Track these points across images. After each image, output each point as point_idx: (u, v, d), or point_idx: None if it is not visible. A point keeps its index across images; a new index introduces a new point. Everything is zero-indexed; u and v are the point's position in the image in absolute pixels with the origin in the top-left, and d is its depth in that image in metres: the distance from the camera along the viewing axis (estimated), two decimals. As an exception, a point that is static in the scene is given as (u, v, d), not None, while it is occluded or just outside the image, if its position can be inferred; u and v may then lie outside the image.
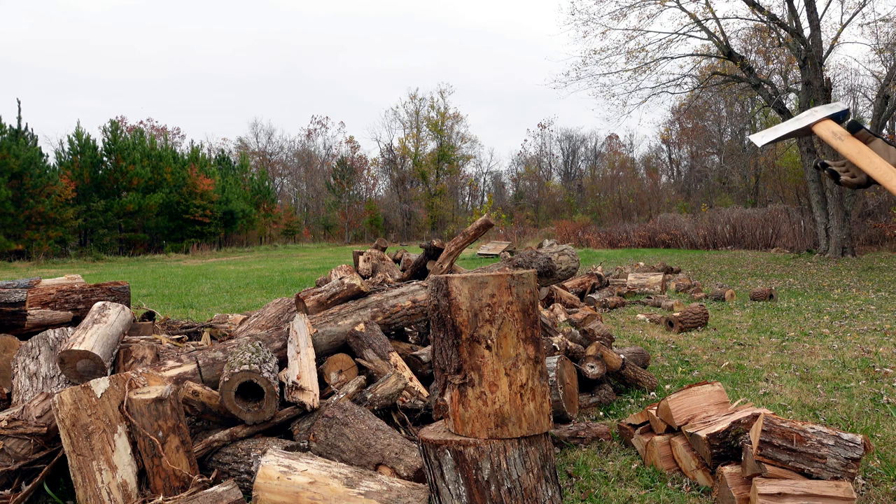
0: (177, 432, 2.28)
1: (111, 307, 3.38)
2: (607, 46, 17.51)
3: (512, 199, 52.76)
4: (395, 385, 2.89)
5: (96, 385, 2.29)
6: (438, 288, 1.88)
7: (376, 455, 2.37)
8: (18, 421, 2.37)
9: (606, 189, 47.67)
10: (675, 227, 26.55)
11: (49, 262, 24.36)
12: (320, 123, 69.19)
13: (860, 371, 4.31)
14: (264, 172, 46.41)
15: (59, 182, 27.14)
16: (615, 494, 2.46)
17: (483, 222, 4.86)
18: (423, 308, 3.82)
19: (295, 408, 2.73)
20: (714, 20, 16.02)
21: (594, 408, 3.58)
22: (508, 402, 1.83)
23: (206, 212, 33.80)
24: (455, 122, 52.38)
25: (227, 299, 9.60)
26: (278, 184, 54.23)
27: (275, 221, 41.93)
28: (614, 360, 3.79)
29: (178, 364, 2.99)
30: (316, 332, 3.42)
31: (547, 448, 1.96)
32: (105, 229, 30.20)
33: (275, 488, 2.10)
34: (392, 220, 50.01)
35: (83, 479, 2.18)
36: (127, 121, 47.43)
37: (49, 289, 3.65)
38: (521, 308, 1.83)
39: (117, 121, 33.57)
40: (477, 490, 1.85)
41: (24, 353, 2.95)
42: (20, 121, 27.50)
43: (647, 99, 17.50)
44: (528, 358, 1.84)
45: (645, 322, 6.84)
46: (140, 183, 31.31)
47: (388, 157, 53.93)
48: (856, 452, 2.21)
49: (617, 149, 53.35)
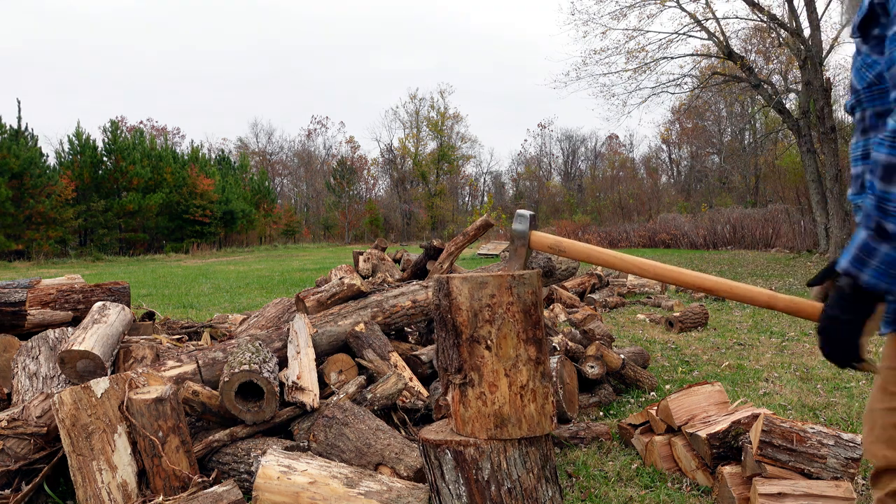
0: (177, 432, 2.28)
1: (111, 307, 3.38)
2: (607, 46, 17.54)
3: (512, 199, 52.74)
4: (395, 385, 2.89)
5: (96, 385, 2.29)
6: (440, 288, 1.87)
7: (376, 455, 2.37)
8: (18, 421, 2.37)
9: (606, 189, 47.68)
10: (675, 227, 26.55)
11: (49, 262, 24.35)
12: (320, 123, 69.26)
13: (860, 371, 4.31)
14: (264, 172, 46.41)
15: (59, 182, 27.14)
16: (615, 494, 2.46)
17: (483, 222, 4.85)
18: (423, 308, 3.82)
19: (295, 408, 2.73)
20: (714, 20, 16.02)
21: (594, 408, 3.58)
22: (508, 402, 1.83)
23: (206, 212, 33.78)
24: (455, 122, 52.40)
25: (227, 299, 9.59)
26: (278, 184, 54.22)
27: (275, 221, 41.92)
28: (614, 360, 3.79)
29: (178, 364, 2.99)
30: (316, 332, 3.42)
31: (547, 448, 1.96)
32: (105, 229, 30.18)
33: (275, 488, 2.10)
34: (392, 220, 50.00)
35: (83, 479, 2.18)
36: (127, 121, 47.41)
37: (49, 289, 3.65)
38: (523, 309, 1.82)
39: (117, 121, 33.58)
40: (477, 490, 1.84)
41: (24, 353, 2.95)
42: (20, 121, 27.50)
43: (647, 99, 17.51)
44: (530, 359, 1.83)
45: (645, 322, 6.84)
46: (140, 183, 31.30)
47: (388, 157, 53.93)
48: (856, 452, 2.21)
49: (617, 149, 53.36)
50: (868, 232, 1.05)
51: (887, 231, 1.02)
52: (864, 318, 1.12)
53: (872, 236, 1.05)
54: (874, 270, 1.05)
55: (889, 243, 1.03)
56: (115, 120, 33.52)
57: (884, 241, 1.03)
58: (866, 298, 1.10)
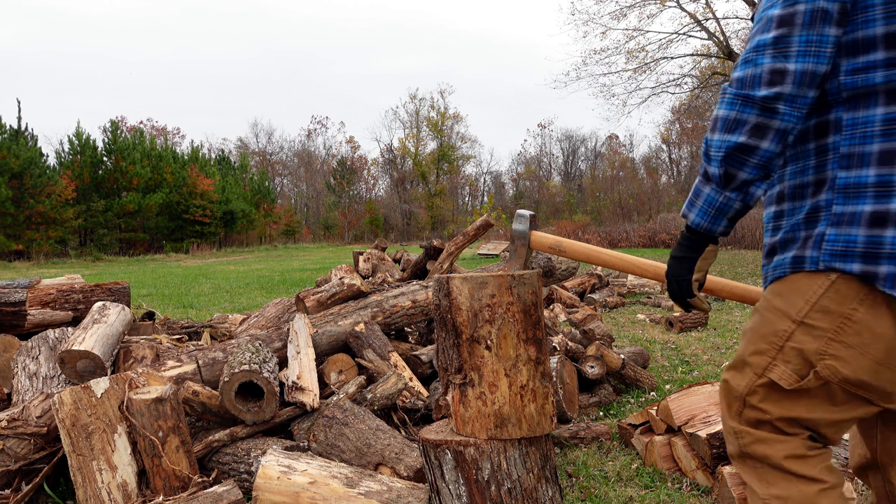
0: (177, 432, 2.28)
1: (111, 307, 3.38)
2: (607, 46, 17.55)
3: (512, 199, 52.76)
4: (395, 385, 2.89)
5: (96, 385, 2.29)
6: (440, 288, 1.87)
7: (376, 455, 2.37)
8: (18, 421, 2.37)
9: (606, 189, 47.69)
10: (675, 227, 26.54)
11: (49, 262, 24.35)
12: (320, 123, 69.27)
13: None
14: (264, 172, 46.40)
15: (59, 182, 27.13)
16: (615, 494, 2.46)
17: (483, 222, 4.85)
18: (423, 308, 3.82)
19: (295, 408, 2.73)
20: (714, 20, 16.03)
21: (594, 408, 3.58)
22: (508, 402, 1.83)
23: (206, 212, 33.78)
24: (455, 122, 52.43)
25: (227, 299, 9.59)
26: (278, 184, 54.23)
27: (275, 221, 41.93)
28: (614, 360, 3.79)
29: (178, 364, 2.99)
30: (316, 332, 3.42)
31: (547, 448, 1.96)
32: (105, 229, 30.19)
33: (275, 488, 2.10)
34: (392, 220, 50.01)
35: (83, 479, 2.18)
36: (127, 121, 47.49)
37: (49, 289, 3.65)
38: (523, 309, 1.82)
39: (117, 121, 33.61)
40: (477, 490, 1.85)
41: (24, 353, 2.95)
42: (20, 121, 27.52)
43: (647, 99, 17.54)
44: (530, 359, 1.83)
45: (645, 322, 6.84)
46: (140, 183, 31.30)
47: (388, 157, 53.95)
48: (856, 452, 2.21)
49: (617, 149, 53.36)
50: (698, 177, 1.18)
51: (708, 174, 1.14)
52: (695, 257, 1.22)
53: (701, 181, 1.17)
54: (699, 210, 1.16)
55: (709, 185, 1.14)
56: (115, 120, 33.58)
57: (706, 183, 1.14)
58: (696, 238, 1.20)
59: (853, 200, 1.04)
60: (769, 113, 1.04)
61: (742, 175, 1.09)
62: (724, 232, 1.17)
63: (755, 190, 1.11)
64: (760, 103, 1.05)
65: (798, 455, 1.12)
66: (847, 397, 1.07)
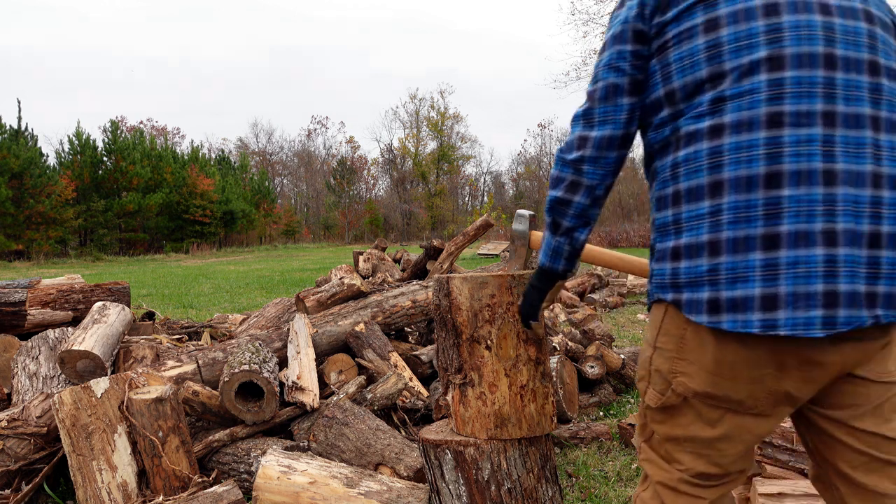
0: (177, 432, 2.28)
1: (111, 307, 3.38)
2: (607, 46, 17.50)
3: (512, 199, 52.75)
4: (395, 385, 2.89)
5: (96, 385, 2.29)
6: (440, 288, 1.88)
7: (376, 455, 2.37)
8: (18, 421, 2.37)
9: (606, 189, 47.58)
10: (675, 227, 26.48)
11: (49, 262, 24.35)
12: (320, 123, 69.35)
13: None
14: (264, 172, 46.40)
15: (59, 182, 27.12)
16: (615, 494, 2.46)
17: (483, 222, 4.86)
18: (423, 308, 3.82)
19: (295, 408, 2.73)
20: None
21: (594, 408, 3.58)
22: (508, 402, 1.83)
23: (206, 212, 33.77)
24: (455, 122, 52.43)
25: (227, 299, 9.59)
26: (278, 184, 54.21)
27: (275, 221, 41.92)
28: (614, 360, 3.79)
29: (178, 364, 2.99)
30: (316, 332, 3.42)
31: (547, 448, 1.96)
32: (105, 229, 30.18)
33: (275, 488, 2.10)
34: (392, 220, 50.01)
35: (83, 479, 2.18)
36: (127, 121, 47.42)
37: (49, 289, 3.65)
38: (522, 308, 1.82)
39: (117, 121, 33.58)
40: (477, 490, 1.85)
41: (24, 353, 2.95)
42: (20, 121, 27.49)
43: (647, 99, 17.48)
44: (530, 359, 1.83)
45: (645, 322, 6.84)
46: (140, 183, 31.28)
47: (388, 157, 53.96)
48: (856, 452, 2.21)
49: (617, 149, 53.25)
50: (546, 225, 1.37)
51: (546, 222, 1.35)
52: (546, 289, 1.43)
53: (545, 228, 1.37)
54: (543, 252, 1.37)
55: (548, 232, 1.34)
56: (115, 120, 33.54)
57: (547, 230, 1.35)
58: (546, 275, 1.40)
59: (661, 238, 1.19)
60: (578, 173, 1.25)
61: (565, 223, 1.30)
62: (566, 270, 1.36)
63: (579, 235, 1.32)
64: (571, 165, 1.25)
65: (670, 486, 1.24)
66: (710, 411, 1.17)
